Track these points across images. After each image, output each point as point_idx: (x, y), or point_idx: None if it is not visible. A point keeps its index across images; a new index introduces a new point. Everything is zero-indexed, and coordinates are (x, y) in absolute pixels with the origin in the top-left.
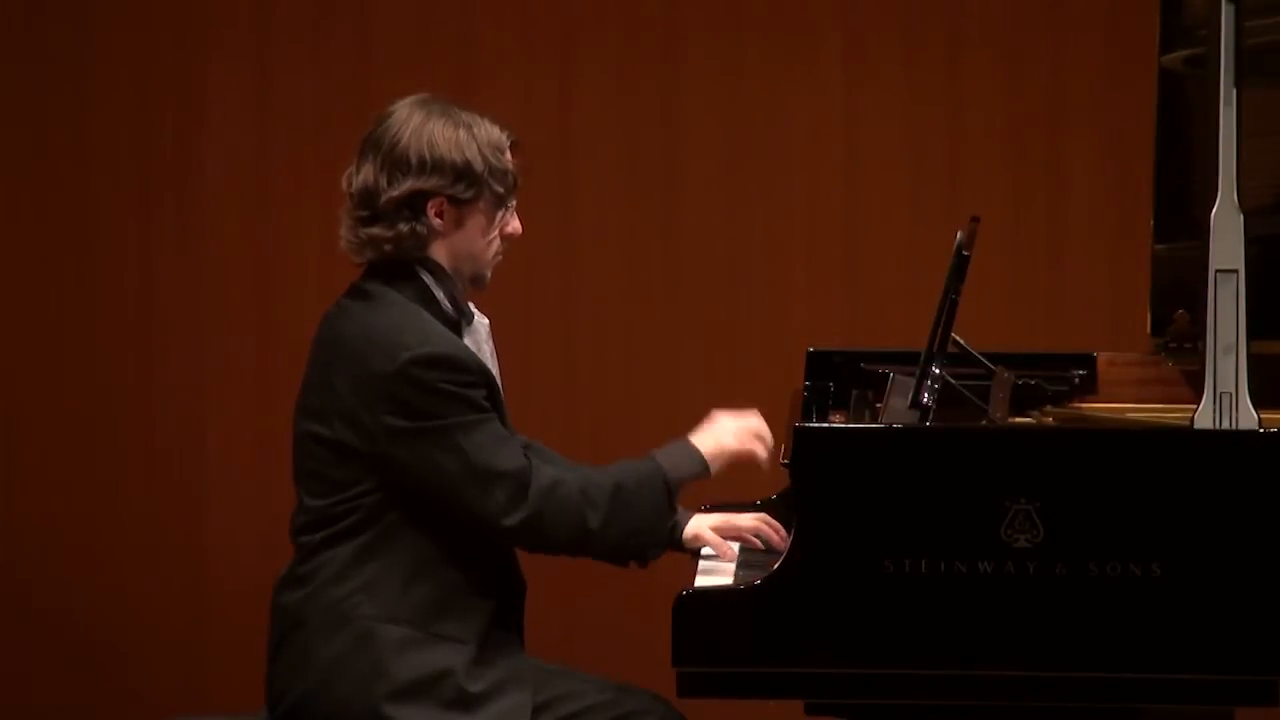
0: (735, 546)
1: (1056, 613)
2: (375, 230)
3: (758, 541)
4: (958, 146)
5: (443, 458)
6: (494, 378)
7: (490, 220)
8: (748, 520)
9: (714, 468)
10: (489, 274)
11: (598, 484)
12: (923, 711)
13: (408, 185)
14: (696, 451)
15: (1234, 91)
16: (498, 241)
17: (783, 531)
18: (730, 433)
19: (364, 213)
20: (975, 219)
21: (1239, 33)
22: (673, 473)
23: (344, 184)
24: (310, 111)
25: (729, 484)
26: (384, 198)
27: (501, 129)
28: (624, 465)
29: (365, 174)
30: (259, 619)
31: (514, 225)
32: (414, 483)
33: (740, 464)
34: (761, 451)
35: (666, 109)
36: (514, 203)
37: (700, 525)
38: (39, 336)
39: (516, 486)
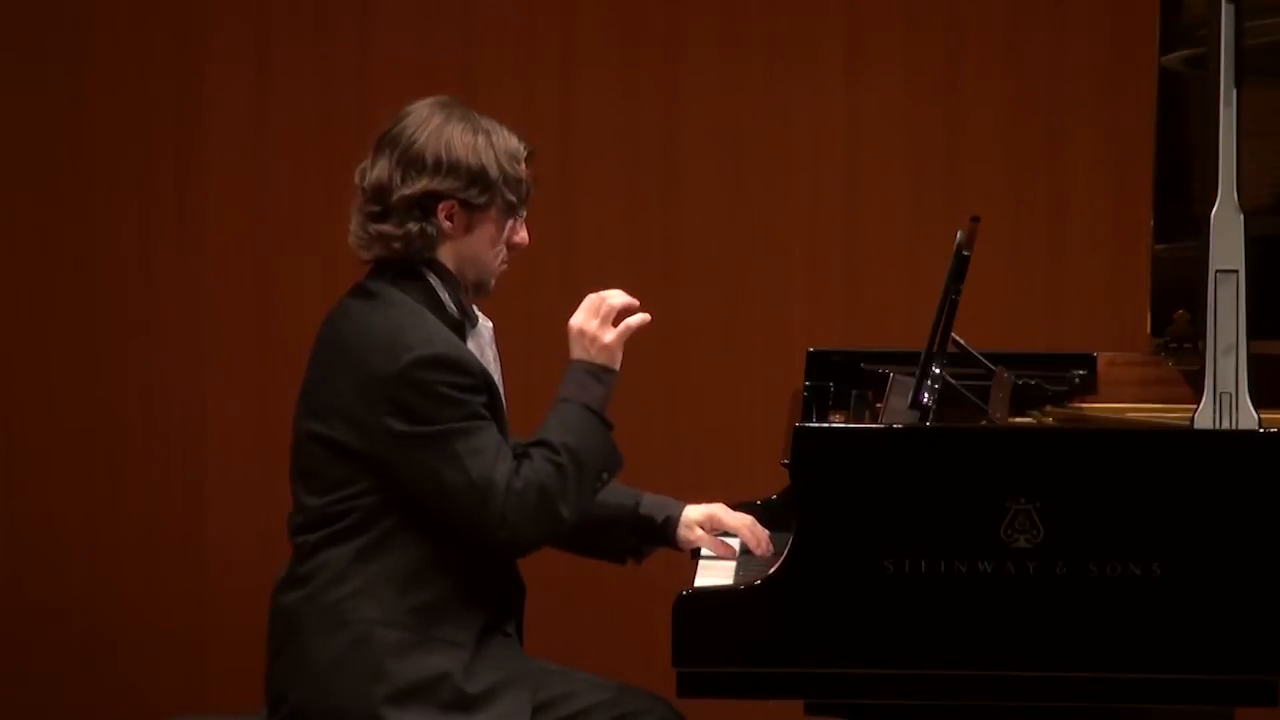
0: (735, 542)
1: (1056, 613)
2: (385, 227)
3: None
4: (958, 146)
5: (441, 465)
6: (495, 382)
7: (499, 228)
8: (735, 518)
9: (615, 364)
10: (493, 282)
11: (551, 458)
12: (923, 711)
13: (421, 184)
14: (594, 366)
15: (1234, 91)
16: (504, 250)
17: (765, 545)
18: (594, 329)
19: (375, 208)
20: (975, 219)
21: (1239, 33)
22: (594, 402)
23: (356, 178)
24: (310, 111)
25: (730, 484)
26: (396, 195)
27: (519, 139)
28: (556, 425)
29: (379, 170)
30: (259, 619)
31: (521, 235)
32: (412, 488)
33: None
34: (637, 320)
35: (666, 109)
36: (524, 213)
37: (693, 526)
38: (39, 336)
39: (507, 497)
